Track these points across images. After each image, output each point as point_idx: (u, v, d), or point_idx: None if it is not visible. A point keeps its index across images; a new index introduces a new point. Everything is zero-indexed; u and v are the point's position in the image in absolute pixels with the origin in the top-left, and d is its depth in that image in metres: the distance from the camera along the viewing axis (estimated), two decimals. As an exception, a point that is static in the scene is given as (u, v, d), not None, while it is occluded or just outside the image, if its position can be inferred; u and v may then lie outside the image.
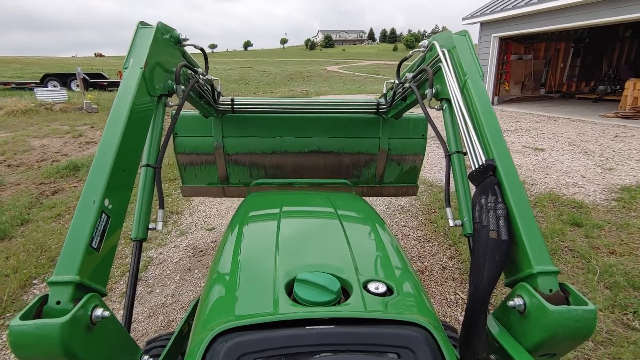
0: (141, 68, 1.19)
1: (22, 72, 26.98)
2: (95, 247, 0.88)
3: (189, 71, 1.67)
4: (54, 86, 16.92)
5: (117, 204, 1.00)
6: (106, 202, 0.95)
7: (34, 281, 2.96)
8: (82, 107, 11.97)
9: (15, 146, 7.40)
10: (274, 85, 25.39)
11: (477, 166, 1.11)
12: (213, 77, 2.05)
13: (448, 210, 1.34)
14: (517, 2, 11.11)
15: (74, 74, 15.30)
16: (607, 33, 13.26)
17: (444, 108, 1.50)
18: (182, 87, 1.49)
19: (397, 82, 1.97)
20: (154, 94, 1.30)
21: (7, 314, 2.58)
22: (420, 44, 1.70)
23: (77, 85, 15.24)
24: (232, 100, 2.25)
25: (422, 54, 1.71)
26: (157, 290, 2.88)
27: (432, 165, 6.09)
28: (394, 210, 4.35)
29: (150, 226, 1.26)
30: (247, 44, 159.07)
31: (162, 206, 1.31)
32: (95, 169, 0.97)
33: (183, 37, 1.54)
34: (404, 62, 1.97)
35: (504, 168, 1.04)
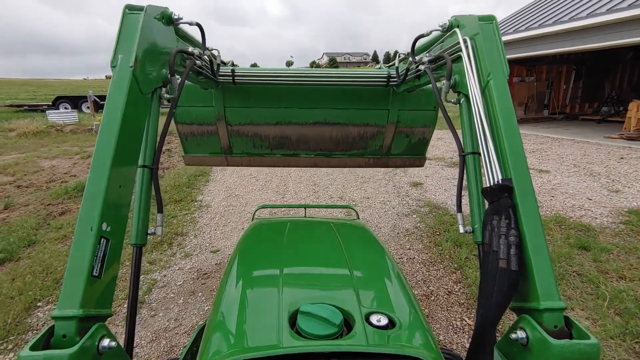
0: (131, 67, 1.07)
1: (35, 94, 27.77)
2: (97, 275, 0.87)
3: (185, 54, 1.52)
4: (65, 108, 17.35)
5: (115, 224, 0.96)
6: (104, 226, 0.91)
7: (39, 304, 2.96)
8: (92, 129, 12.25)
9: (26, 167, 7.55)
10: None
11: (491, 178, 1.05)
12: (212, 49, 1.87)
13: (459, 215, 1.25)
14: (517, 26, 11.36)
15: (85, 96, 15.72)
16: (609, 55, 13.43)
17: (461, 102, 1.34)
18: (178, 77, 1.36)
19: (411, 59, 1.79)
20: (147, 91, 1.19)
21: (11, 337, 2.57)
22: (440, 24, 1.48)
23: (88, 107, 15.64)
24: (233, 71, 2.02)
25: (440, 32, 1.50)
26: (161, 314, 2.86)
27: (437, 187, 6.09)
28: (398, 233, 4.33)
29: (149, 230, 1.21)
30: (253, 66, 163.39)
31: (160, 210, 1.25)
32: (89, 191, 0.92)
33: (176, 17, 1.40)
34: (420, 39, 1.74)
35: (521, 191, 0.98)
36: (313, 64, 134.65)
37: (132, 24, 1.16)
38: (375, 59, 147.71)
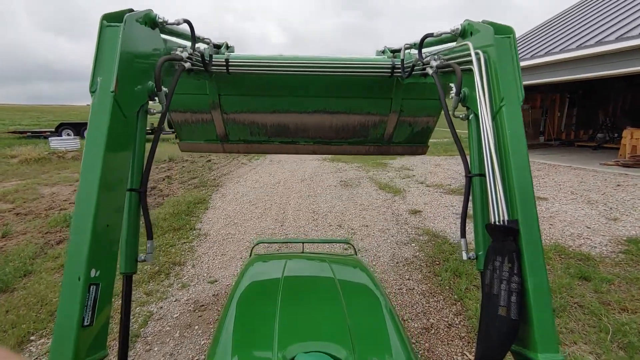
0: (112, 92, 0.98)
1: (38, 120, 28.22)
2: (88, 323, 0.84)
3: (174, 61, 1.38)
4: (68, 134, 17.59)
5: (105, 266, 0.91)
6: (92, 272, 0.87)
7: (32, 337, 2.90)
8: (93, 155, 12.35)
9: (25, 194, 7.56)
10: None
11: (496, 213, 0.99)
12: (204, 38, 1.71)
13: (462, 241, 1.18)
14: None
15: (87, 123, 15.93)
16: (601, 84, 13.80)
17: (470, 119, 1.23)
18: (165, 89, 1.24)
19: (417, 57, 1.68)
20: (132, 112, 1.09)
21: (1, 374, 2.51)
22: (451, 28, 1.36)
23: (90, 134, 15.82)
24: (227, 60, 1.86)
25: (450, 35, 1.39)
26: (156, 349, 2.80)
27: (436, 215, 6.10)
28: (397, 262, 4.30)
29: (139, 258, 1.15)
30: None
31: (150, 236, 1.18)
32: (75, 236, 0.87)
33: (161, 19, 1.27)
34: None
35: (528, 236, 0.93)
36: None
37: (112, 39, 1.04)
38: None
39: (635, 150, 9.89)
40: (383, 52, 2.09)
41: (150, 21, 1.23)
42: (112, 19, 1.07)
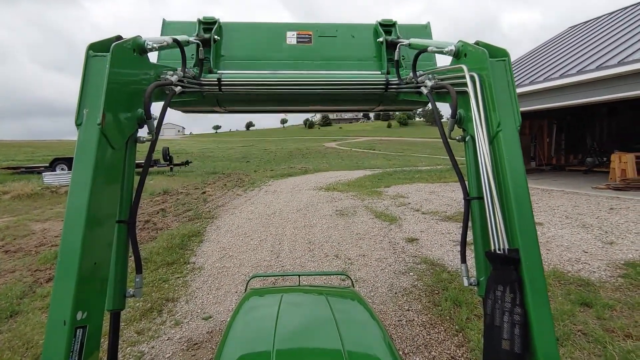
0: (98, 124, 0.93)
1: (33, 155, 28.15)
2: None
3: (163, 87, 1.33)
4: (62, 169, 17.54)
5: (92, 307, 0.86)
6: (79, 315, 0.82)
7: (15, 384, 2.76)
8: (87, 189, 12.27)
9: (16, 231, 7.43)
10: (275, 163, 26.33)
11: (497, 240, 0.96)
12: (195, 41, 1.62)
13: (463, 267, 1.15)
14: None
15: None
16: (585, 110, 14.26)
17: (466, 140, 1.20)
18: (155, 115, 1.18)
19: (411, 75, 1.64)
20: (120, 144, 1.04)
21: None
22: (446, 50, 1.31)
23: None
24: (219, 80, 1.80)
25: (445, 54, 1.34)
26: (146, 392, 2.67)
27: (433, 243, 6.06)
28: (396, 293, 4.22)
29: (127, 293, 1.09)
30: (249, 125, 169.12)
31: (139, 270, 1.12)
32: (60, 278, 0.81)
33: (150, 46, 1.21)
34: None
35: (529, 264, 0.89)
36: (307, 121, 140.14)
37: (98, 69, 1.00)
38: (366, 115, 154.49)
39: (625, 173, 10.07)
40: (375, 31, 1.98)
41: (139, 48, 1.18)
42: (98, 49, 1.03)
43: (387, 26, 1.92)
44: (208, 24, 1.82)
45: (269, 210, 9.24)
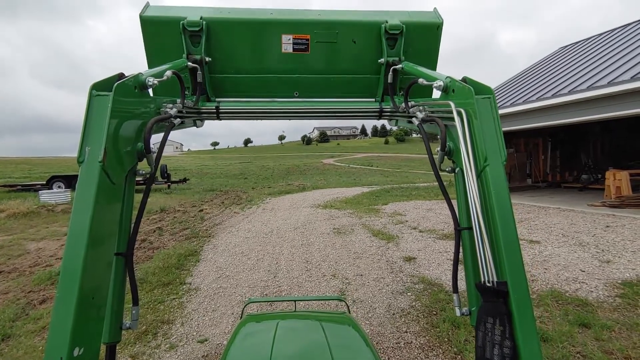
0: (100, 162, 0.95)
1: (29, 172, 28.09)
2: None
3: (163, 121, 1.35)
4: (59, 187, 17.47)
5: (89, 341, 0.86)
6: (76, 351, 0.81)
7: (5, 412, 2.69)
8: (84, 207, 12.21)
9: (10, 250, 7.36)
10: (272, 180, 26.35)
11: (486, 272, 0.98)
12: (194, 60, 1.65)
13: (455, 297, 1.16)
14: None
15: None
16: (579, 128, 14.48)
17: (456, 172, 1.25)
18: (154, 149, 1.20)
19: (403, 105, 1.70)
20: (120, 179, 1.06)
21: None
22: (435, 84, 1.36)
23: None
24: (217, 108, 1.85)
25: (434, 89, 1.39)
26: (139, 420, 2.61)
27: (430, 262, 6.05)
28: (394, 314, 4.19)
29: (124, 325, 1.09)
30: (247, 141, 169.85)
31: (136, 302, 1.12)
32: (57, 312, 0.81)
33: (151, 82, 1.23)
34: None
35: (517, 296, 0.91)
36: (304, 138, 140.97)
37: (101, 108, 1.02)
38: (363, 131, 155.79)
39: (619, 191, 10.15)
40: (379, 31, 1.94)
41: (140, 85, 1.21)
42: (101, 88, 1.06)
43: (393, 33, 1.84)
44: (194, 29, 1.75)
45: (266, 229, 9.21)
